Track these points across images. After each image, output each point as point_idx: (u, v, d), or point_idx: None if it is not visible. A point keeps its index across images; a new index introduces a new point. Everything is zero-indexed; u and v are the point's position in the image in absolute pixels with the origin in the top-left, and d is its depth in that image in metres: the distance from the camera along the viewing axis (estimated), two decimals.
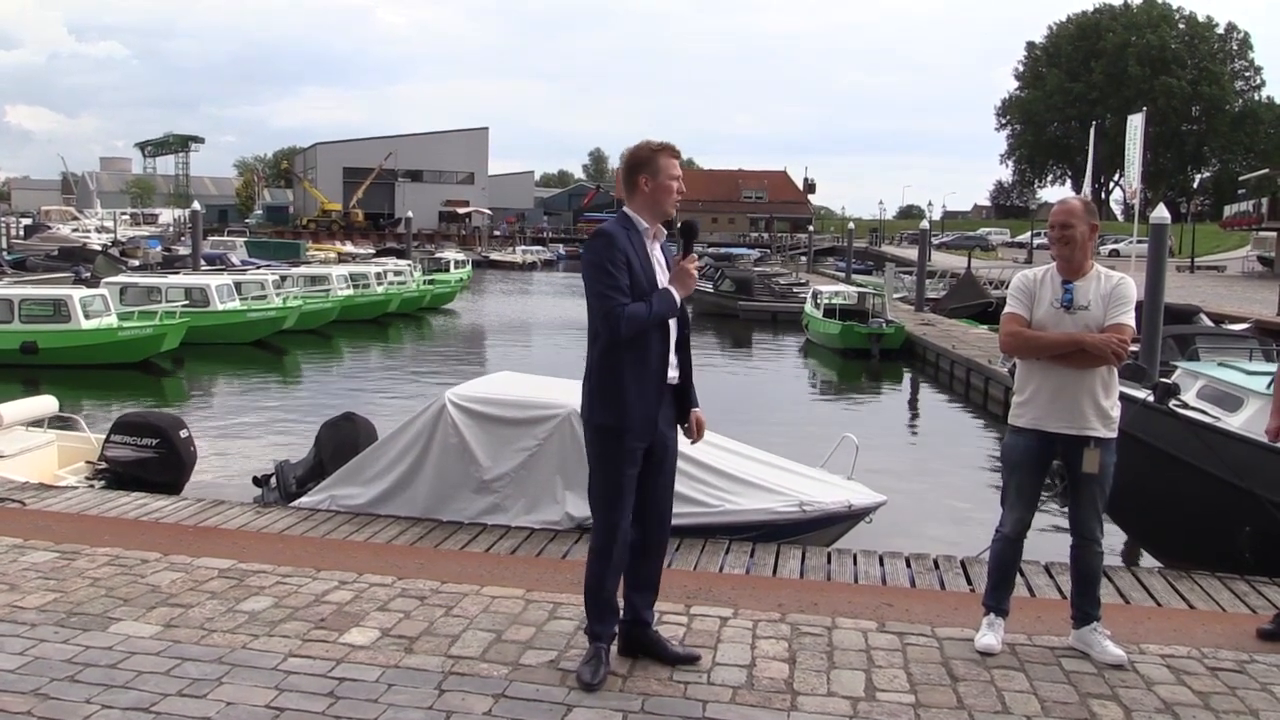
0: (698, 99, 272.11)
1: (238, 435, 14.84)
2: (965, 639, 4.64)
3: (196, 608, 4.84)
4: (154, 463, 8.93)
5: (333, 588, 5.18)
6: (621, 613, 4.27)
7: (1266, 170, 57.91)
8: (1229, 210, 61.92)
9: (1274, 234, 50.17)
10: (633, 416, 3.99)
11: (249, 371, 22.64)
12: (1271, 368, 8.24)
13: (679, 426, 4.29)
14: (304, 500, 7.51)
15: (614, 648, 4.25)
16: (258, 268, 38.05)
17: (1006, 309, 4.61)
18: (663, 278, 4.07)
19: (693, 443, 4.37)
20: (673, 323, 4.12)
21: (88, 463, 9.26)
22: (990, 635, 4.53)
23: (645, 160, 4.08)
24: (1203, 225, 71.75)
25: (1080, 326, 4.39)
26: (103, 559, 5.57)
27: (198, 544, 5.93)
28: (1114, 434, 4.44)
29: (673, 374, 4.13)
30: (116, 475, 8.88)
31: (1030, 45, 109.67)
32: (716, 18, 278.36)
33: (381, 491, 7.20)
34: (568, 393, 7.54)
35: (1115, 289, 4.41)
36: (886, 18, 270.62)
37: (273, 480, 8.45)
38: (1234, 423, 7.67)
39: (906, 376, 24.08)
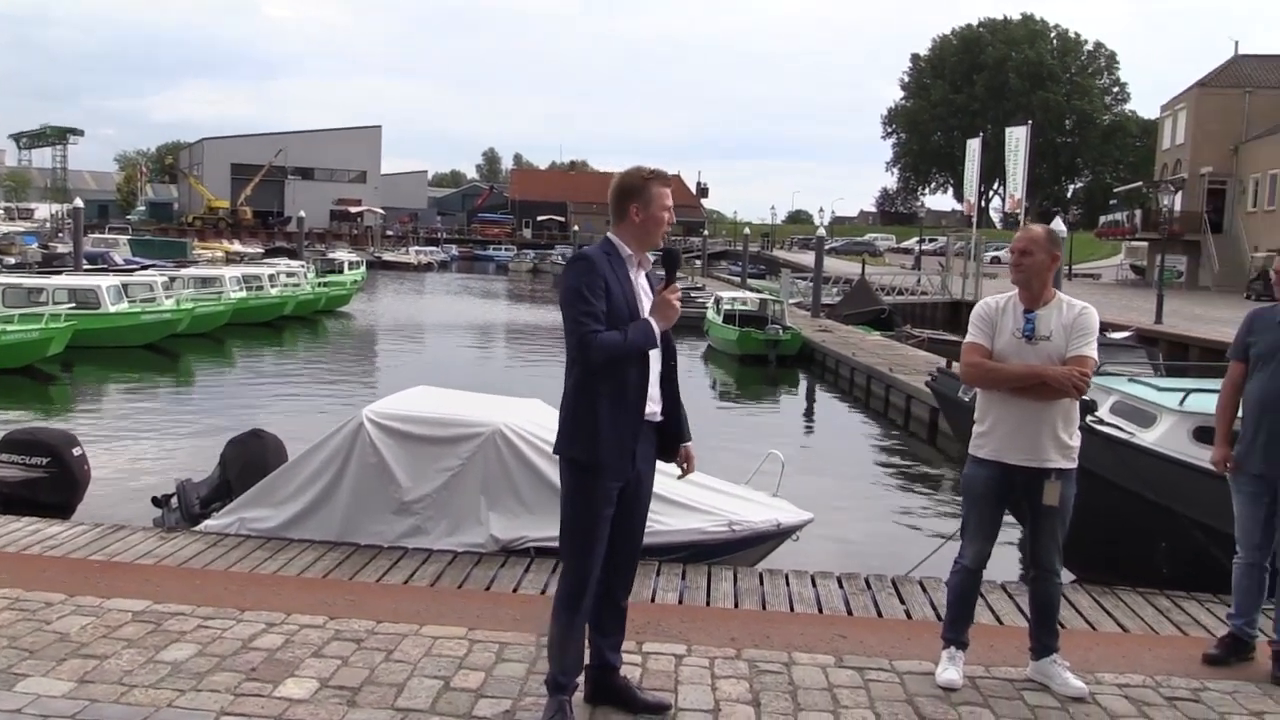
0: (589, 101, 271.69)
1: (132, 449, 14.02)
2: (924, 673, 4.59)
3: (112, 659, 4.46)
4: (44, 483, 8.46)
5: (260, 631, 4.84)
6: (587, 658, 4.05)
7: (1139, 183, 60.69)
8: (1103, 220, 64.72)
9: (1145, 244, 52.56)
10: (606, 451, 3.76)
11: (141, 378, 21.62)
12: (1181, 384, 8.45)
13: (672, 461, 4.09)
14: (211, 523, 7.14)
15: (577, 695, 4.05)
16: (144, 267, 36.49)
17: (967, 338, 4.53)
18: (647, 307, 3.86)
19: (680, 476, 4.15)
20: (655, 355, 3.89)
21: None
22: (952, 670, 4.48)
23: (637, 188, 3.88)
24: (1077, 234, 74.74)
25: (1042, 357, 4.32)
26: (2, 603, 5.11)
27: (106, 582, 5.49)
28: (1074, 465, 4.40)
29: (653, 408, 3.90)
30: (2, 496, 8.32)
31: (915, 57, 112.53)
32: (605, 20, 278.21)
33: (295, 514, 6.90)
34: (491, 410, 7.33)
35: (1077, 319, 4.36)
36: (772, 23, 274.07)
37: (174, 500, 8.03)
38: (1147, 439, 7.83)
39: (803, 382, 24.38)
